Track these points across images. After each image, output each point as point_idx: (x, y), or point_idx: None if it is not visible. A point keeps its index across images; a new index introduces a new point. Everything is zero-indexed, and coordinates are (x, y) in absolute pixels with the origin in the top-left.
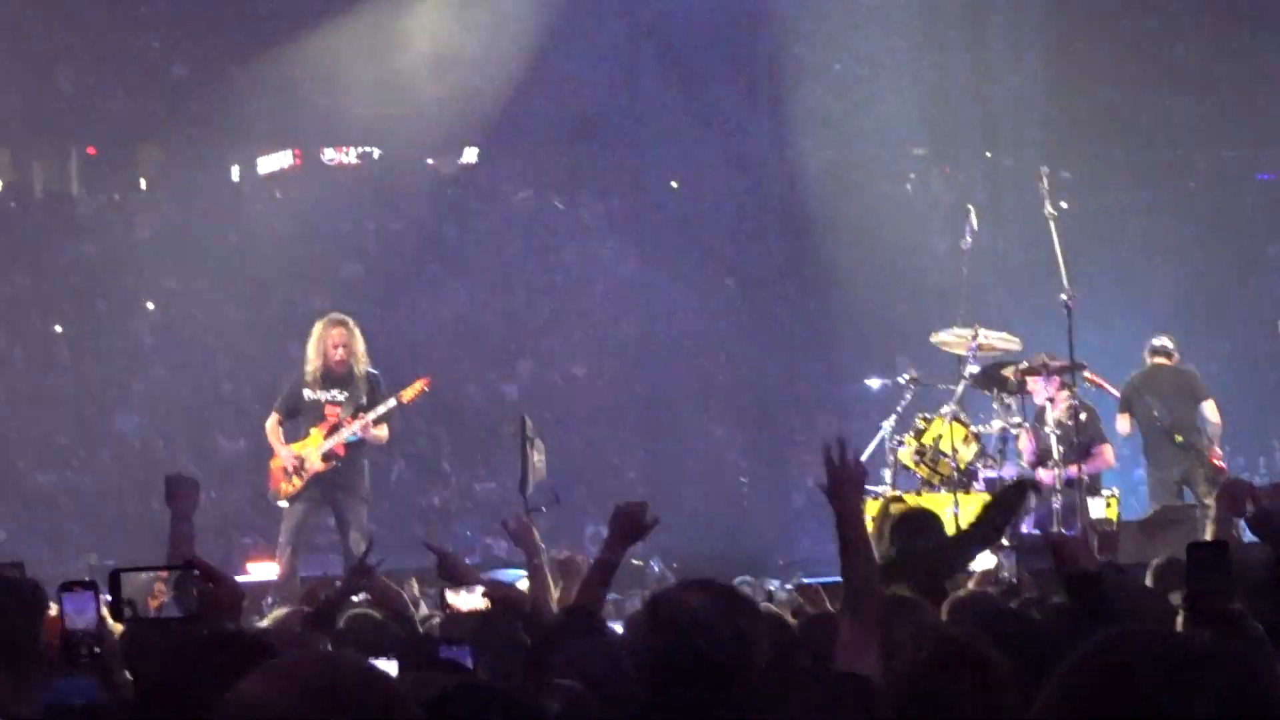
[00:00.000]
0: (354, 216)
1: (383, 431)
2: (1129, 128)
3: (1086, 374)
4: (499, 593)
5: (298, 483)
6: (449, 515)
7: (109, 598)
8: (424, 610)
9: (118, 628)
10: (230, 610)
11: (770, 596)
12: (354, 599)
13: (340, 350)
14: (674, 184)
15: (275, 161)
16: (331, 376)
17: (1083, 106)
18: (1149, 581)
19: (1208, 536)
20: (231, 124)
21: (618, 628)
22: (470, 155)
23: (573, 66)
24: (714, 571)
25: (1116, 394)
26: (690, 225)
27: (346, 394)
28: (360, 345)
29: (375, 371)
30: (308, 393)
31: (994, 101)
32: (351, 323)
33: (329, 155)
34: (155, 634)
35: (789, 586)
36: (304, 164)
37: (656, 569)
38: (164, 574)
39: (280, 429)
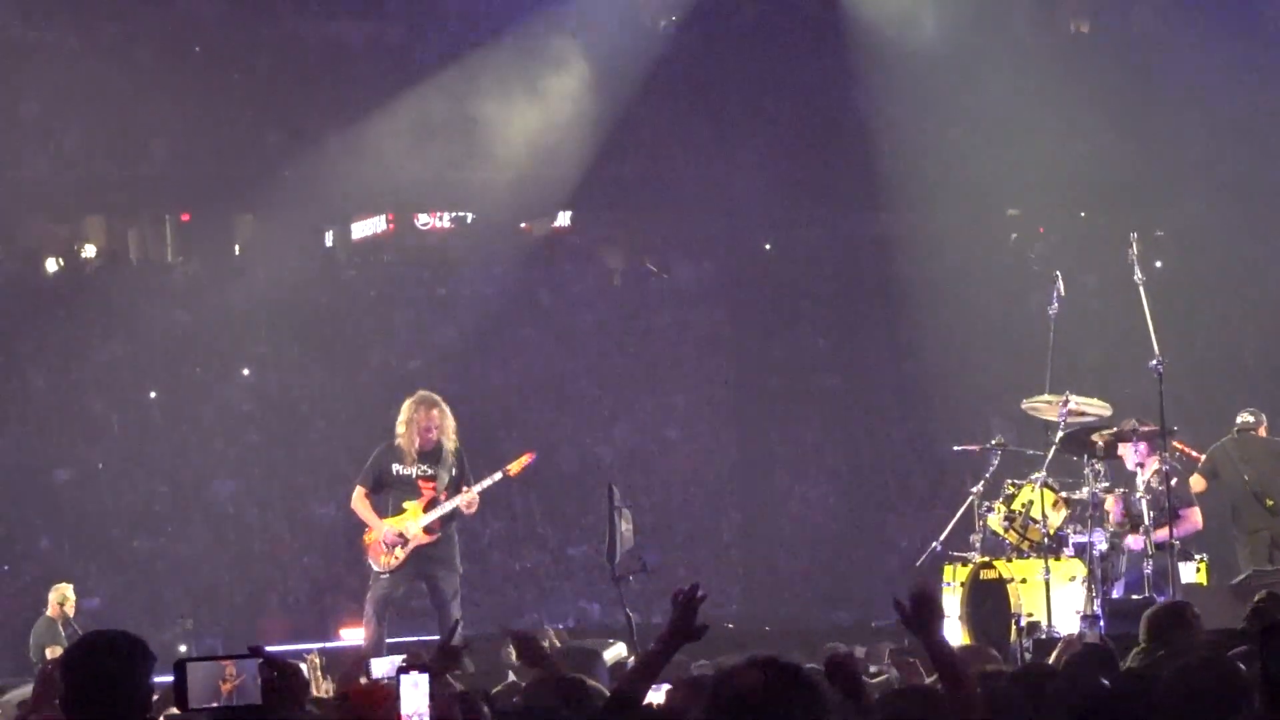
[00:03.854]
0: (448, 280)
1: (475, 505)
2: (1223, 184)
3: (1175, 442)
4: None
5: (400, 554)
6: (542, 579)
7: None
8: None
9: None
10: (295, 697)
11: None
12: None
13: (433, 431)
14: (767, 246)
15: (369, 226)
16: (422, 453)
17: (1176, 164)
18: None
19: None
20: (325, 190)
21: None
22: (564, 219)
23: (665, 129)
24: (807, 635)
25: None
26: (783, 288)
27: (439, 467)
28: (451, 423)
29: (460, 446)
30: (397, 467)
31: (1086, 161)
32: (442, 403)
33: (422, 220)
34: None
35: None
36: (397, 229)
37: None
38: (229, 663)
39: (368, 501)
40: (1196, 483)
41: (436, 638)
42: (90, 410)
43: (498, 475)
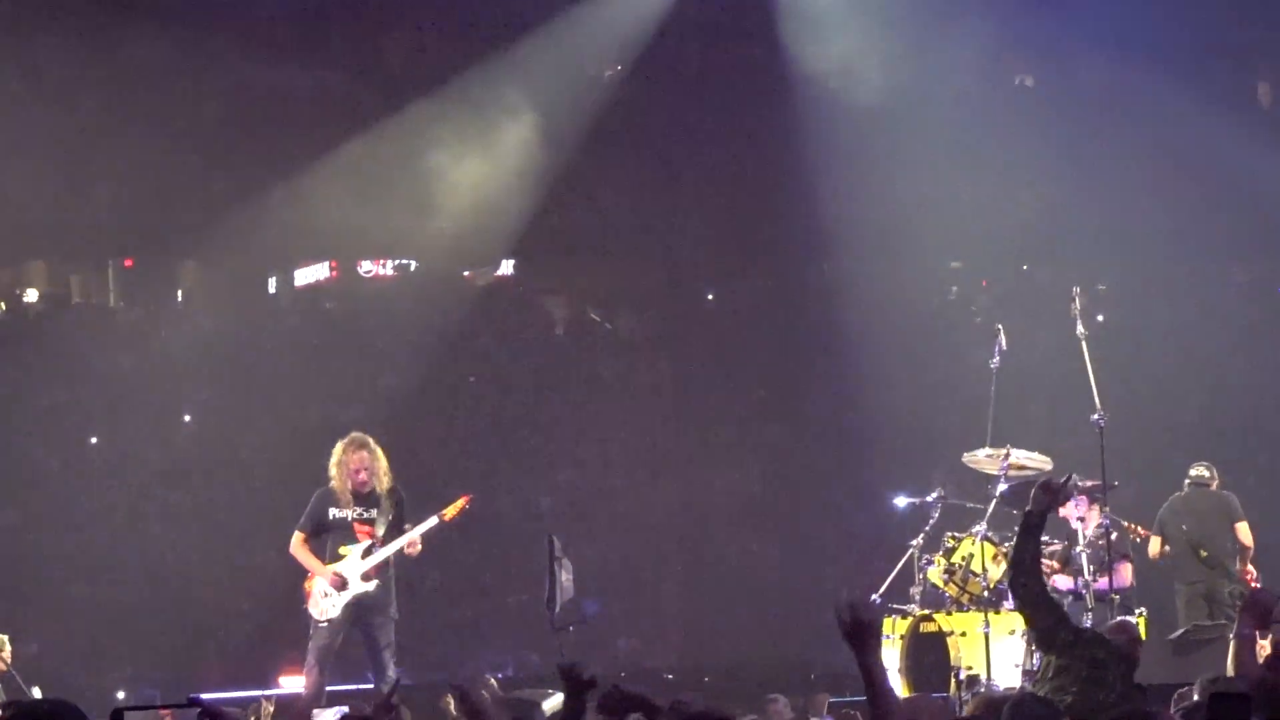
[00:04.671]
0: (391, 328)
1: (417, 547)
2: (1164, 241)
3: (1128, 524)
4: None
5: (338, 604)
6: (482, 627)
7: None
8: None
9: None
10: None
11: None
12: None
13: (363, 474)
14: (710, 296)
15: (312, 274)
16: (357, 496)
17: (1119, 218)
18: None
19: (1229, 652)
20: (268, 237)
21: None
22: (506, 268)
23: (608, 179)
24: (746, 686)
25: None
26: (725, 338)
27: (375, 511)
28: (382, 464)
29: (398, 487)
30: (334, 511)
31: (1029, 214)
32: (372, 443)
33: (366, 267)
34: None
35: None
36: (341, 276)
37: None
38: (167, 713)
39: (307, 547)
40: (1154, 545)
41: (373, 686)
42: (30, 455)
43: (433, 520)
